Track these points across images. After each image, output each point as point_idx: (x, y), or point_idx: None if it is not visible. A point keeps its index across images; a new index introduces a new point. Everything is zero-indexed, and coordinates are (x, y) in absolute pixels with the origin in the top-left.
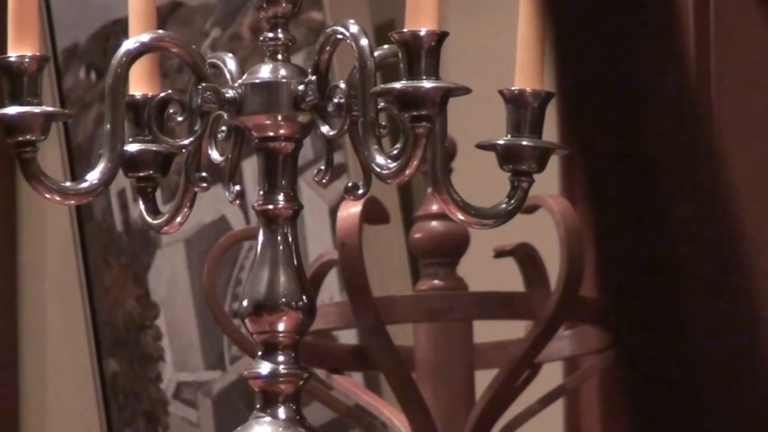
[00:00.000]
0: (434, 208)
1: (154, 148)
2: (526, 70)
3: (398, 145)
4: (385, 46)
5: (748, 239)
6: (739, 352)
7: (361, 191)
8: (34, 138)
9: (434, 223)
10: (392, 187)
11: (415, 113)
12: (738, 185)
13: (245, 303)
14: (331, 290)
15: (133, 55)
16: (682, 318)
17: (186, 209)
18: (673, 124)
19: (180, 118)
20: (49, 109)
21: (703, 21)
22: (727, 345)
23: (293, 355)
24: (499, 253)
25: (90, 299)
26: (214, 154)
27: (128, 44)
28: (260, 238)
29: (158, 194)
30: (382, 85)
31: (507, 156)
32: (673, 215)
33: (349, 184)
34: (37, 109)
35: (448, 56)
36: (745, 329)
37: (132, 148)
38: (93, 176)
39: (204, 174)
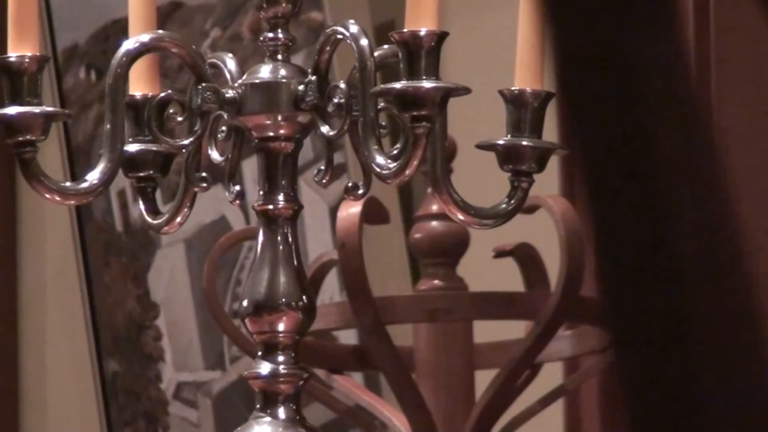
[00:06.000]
0: (434, 208)
1: (154, 148)
2: (526, 70)
3: (398, 145)
4: (385, 46)
5: (749, 238)
6: (740, 352)
7: (361, 191)
8: (34, 138)
9: (434, 223)
10: (392, 187)
11: (415, 113)
12: (739, 184)
13: (245, 303)
14: (331, 290)
15: (133, 55)
16: (683, 318)
17: (186, 209)
18: (674, 123)
19: (180, 118)
20: (49, 109)
21: (703, 20)
22: (727, 345)
23: (293, 355)
24: (499, 253)
25: (90, 299)
26: (214, 154)
27: (128, 44)
28: (260, 238)
29: (158, 194)
30: (382, 85)
31: (507, 156)
32: (673, 215)
33: (349, 184)
34: (37, 109)
35: (448, 56)
36: (746, 330)
37: (132, 148)
38: (93, 176)
39: (204, 174)
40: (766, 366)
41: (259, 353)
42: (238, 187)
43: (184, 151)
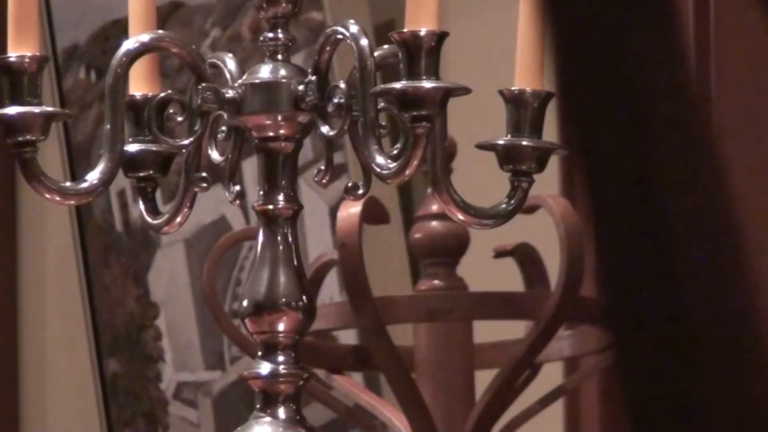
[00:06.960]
0: (434, 208)
1: (154, 148)
2: (526, 70)
3: (398, 145)
4: (385, 46)
5: (748, 239)
6: (740, 352)
7: (361, 191)
8: (34, 138)
9: (434, 223)
10: (392, 187)
11: (415, 113)
12: (739, 184)
13: (245, 303)
14: (331, 290)
15: (133, 55)
16: (683, 318)
17: (186, 209)
18: (674, 123)
19: (180, 118)
20: (49, 109)
21: (703, 21)
22: (727, 345)
23: (293, 355)
24: (499, 253)
25: (90, 299)
26: (214, 154)
27: (128, 44)
28: (260, 238)
29: (158, 194)
30: (382, 85)
31: (507, 156)
32: (673, 215)
33: (349, 184)
34: (37, 109)
35: (448, 56)
36: (746, 329)
37: (132, 148)
38: (93, 176)
39: (204, 174)
40: (766, 366)
41: (259, 353)
42: (238, 187)
43: (184, 151)
